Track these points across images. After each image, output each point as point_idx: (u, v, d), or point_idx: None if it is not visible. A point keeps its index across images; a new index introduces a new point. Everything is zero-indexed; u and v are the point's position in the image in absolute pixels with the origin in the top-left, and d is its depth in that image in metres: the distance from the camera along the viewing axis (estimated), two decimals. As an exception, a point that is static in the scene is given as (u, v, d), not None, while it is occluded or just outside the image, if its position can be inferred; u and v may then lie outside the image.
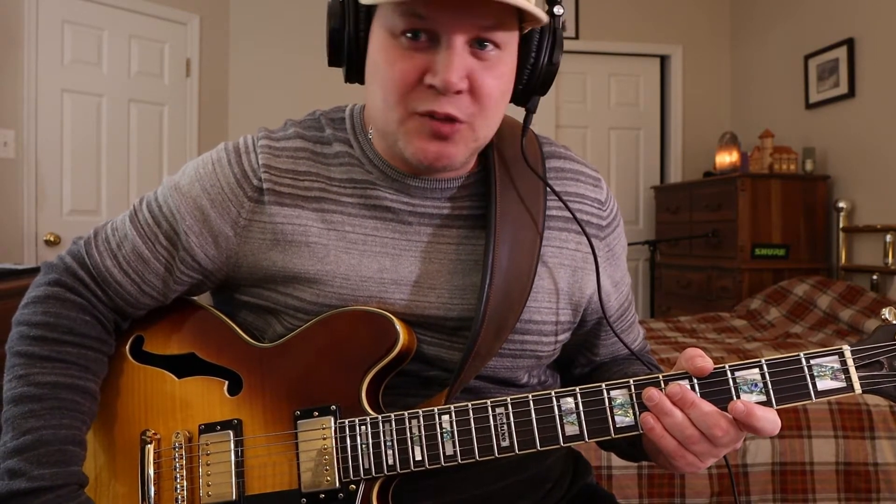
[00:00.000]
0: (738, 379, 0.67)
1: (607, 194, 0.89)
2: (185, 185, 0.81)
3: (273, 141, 0.82)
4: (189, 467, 0.77)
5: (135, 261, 0.80)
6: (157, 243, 0.80)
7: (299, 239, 0.78)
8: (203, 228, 0.79)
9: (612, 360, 0.95)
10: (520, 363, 0.82)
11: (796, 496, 1.81)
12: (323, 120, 0.85)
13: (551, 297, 0.82)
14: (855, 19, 3.42)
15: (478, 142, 0.75)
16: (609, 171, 4.49)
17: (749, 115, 4.29)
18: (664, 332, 3.06)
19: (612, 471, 1.77)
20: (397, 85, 0.71)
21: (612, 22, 4.37)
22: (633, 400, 0.69)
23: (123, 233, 0.82)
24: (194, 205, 0.80)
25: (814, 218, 3.54)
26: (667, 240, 3.88)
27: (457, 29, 0.68)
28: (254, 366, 0.79)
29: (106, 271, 0.80)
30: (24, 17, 3.05)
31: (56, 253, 3.17)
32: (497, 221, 0.78)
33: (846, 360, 0.66)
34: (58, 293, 0.80)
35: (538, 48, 0.76)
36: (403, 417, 0.72)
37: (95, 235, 0.83)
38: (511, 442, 0.70)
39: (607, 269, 0.87)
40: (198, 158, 0.85)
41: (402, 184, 0.80)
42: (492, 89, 0.71)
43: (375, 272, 0.78)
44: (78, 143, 3.28)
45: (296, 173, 0.80)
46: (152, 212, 0.82)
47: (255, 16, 4.05)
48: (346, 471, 0.73)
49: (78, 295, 0.80)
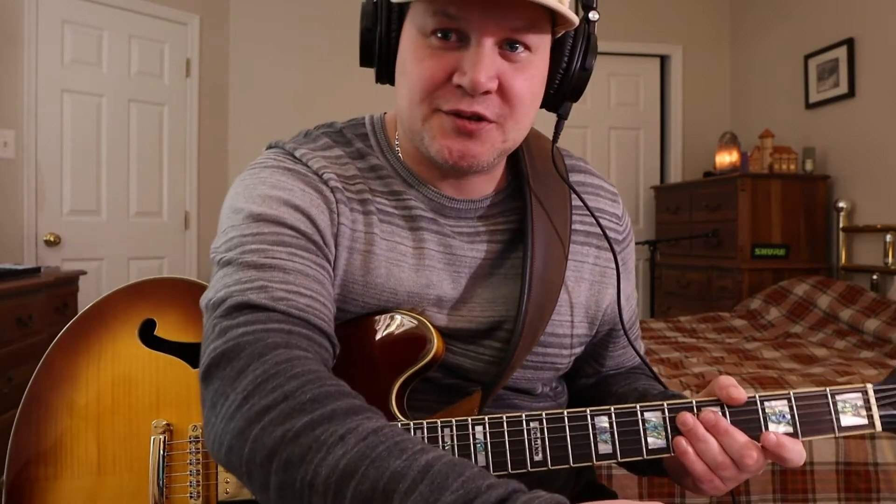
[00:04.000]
0: (767, 409, 0.69)
1: (623, 210, 0.90)
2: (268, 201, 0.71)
3: (310, 151, 0.77)
4: (206, 462, 0.76)
5: (295, 278, 0.67)
6: (294, 256, 0.68)
7: (354, 245, 0.75)
8: (311, 227, 0.71)
9: (618, 374, 0.95)
10: (540, 375, 0.83)
11: (796, 496, 1.81)
12: (347, 133, 0.82)
13: (570, 310, 0.83)
14: (855, 19, 3.42)
15: (506, 143, 0.74)
16: (609, 171, 4.49)
17: (749, 115, 4.29)
18: (664, 332, 3.06)
19: (612, 471, 1.77)
20: (424, 83, 0.70)
21: (612, 22, 4.37)
22: (666, 423, 0.70)
23: (254, 270, 0.67)
24: (292, 209, 0.71)
25: (814, 218, 3.54)
26: (667, 240, 3.88)
27: (487, 29, 0.67)
28: None
29: (289, 300, 0.66)
30: (24, 17, 3.05)
31: (56, 253, 3.19)
32: (534, 234, 0.78)
33: (869, 399, 0.70)
34: (282, 357, 0.60)
35: (571, 53, 0.75)
36: (436, 425, 0.71)
37: (232, 295, 0.65)
38: (544, 457, 0.70)
39: (622, 283, 0.87)
40: (240, 189, 0.74)
41: (437, 203, 0.79)
42: (522, 91, 0.71)
43: (423, 288, 0.77)
44: (78, 143, 3.28)
45: (346, 178, 0.77)
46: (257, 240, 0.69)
47: (255, 16, 4.05)
48: None
49: (297, 348, 0.63)
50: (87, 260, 3.28)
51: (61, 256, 3.22)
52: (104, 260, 3.40)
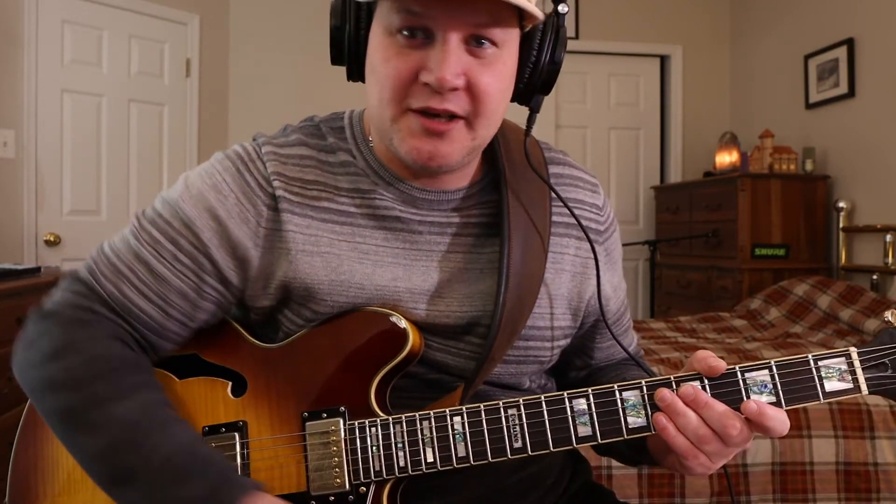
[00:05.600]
0: (749, 380, 0.68)
1: (604, 200, 0.90)
2: (195, 196, 0.77)
3: (277, 147, 0.80)
4: None
5: (154, 282, 0.75)
6: (176, 261, 0.75)
7: (311, 248, 0.76)
8: (222, 240, 0.76)
9: (608, 366, 0.95)
10: (523, 369, 0.83)
11: (796, 496, 1.81)
12: (324, 127, 0.83)
13: (552, 302, 0.83)
14: (855, 19, 3.42)
15: (476, 141, 0.74)
16: (609, 171, 4.49)
17: (749, 115, 4.29)
18: (664, 332, 3.06)
19: (611, 471, 1.77)
20: (392, 82, 0.70)
21: (612, 22, 4.37)
22: (645, 401, 0.69)
23: (133, 255, 0.76)
24: (210, 216, 0.76)
25: (814, 218, 3.54)
26: (667, 240, 3.88)
27: (451, 26, 0.68)
28: (259, 367, 0.78)
29: (125, 299, 0.75)
30: (24, 17, 3.05)
31: (56, 253, 3.19)
32: (511, 228, 0.78)
33: (853, 362, 0.68)
34: (80, 335, 0.73)
35: (540, 47, 0.75)
36: (415, 419, 0.72)
37: (97, 265, 0.77)
38: (524, 443, 0.70)
39: (606, 274, 0.87)
40: (198, 169, 0.80)
41: (408, 195, 0.79)
42: (490, 87, 0.71)
43: (389, 281, 0.77)
44: (78, 143, 3.28)
45: (304, 182, 0.78)
46: (162, 229, 0.76)
47: (255, 16, 4.05)
48: (356, 473, 0.73)
49: (102, 327, 0.74)
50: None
51: (61, 256, 3.22)
52: (104, 260, 3.40)
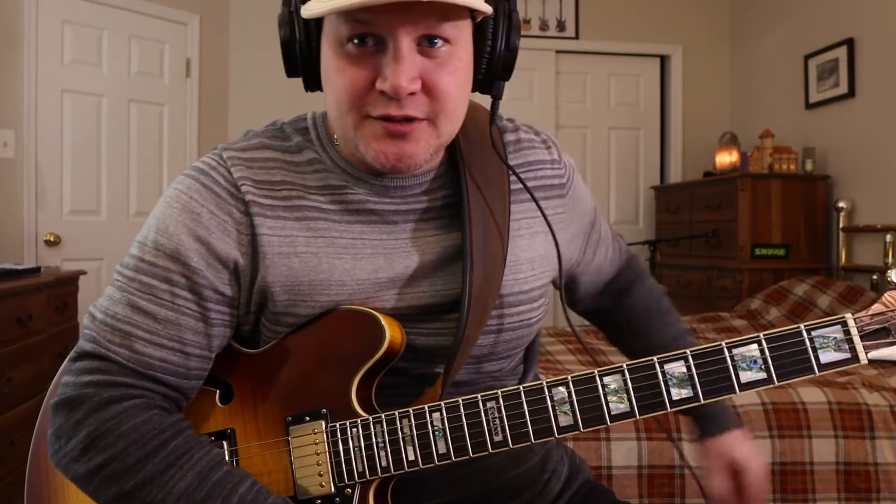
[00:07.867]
0: (737, 356, 0.65)
1: (559, 153, 0.90)
2: (169, 227, 0.75)
3: (240, 152, 0.78)
4: None
5: (162, 329, 0.72)
6: (176, 298, 0.73)
7: (287, 250, 0.75)
8: (210, 258, 0.74)
9: (643, 311, 1.04)
10: (520, 333, 0.84)
11: (796, 496, 1.81)
12: (287, 129, 0.82)
13: (532, 265, 0.84)
14: (855, 19, 3.42)
15: (441, 138, 0.74)
16: (609, 171, 4.49)
17: (749, 115, 4.29)
18: (664, 332, 3.06)
19: (611, 471, 1.77)
20: (348, 93, 0.70)
21: (612, 22, 4.37)
22: (627, 385, 0.67)
23: (131, 309, 0.73)
24: (191, 239, 0.74)
25: (814, 218, 3.54)
26: (667, 240, 3.88)
27: (401, 30, 0.67)
28: (244, 373, 0.78)
29: (141, 356, 0.71)
30: (24, 17, 3.05)
31: (56, 253, 3.19)
32: (471, 208, 0.78)
33: (850, 330, 0.63)
34: (112, 416, 0.69)
35: (494, 35, 0.74)
36: (394, 417, 0.72)
37: (98, 334, 0.73)
38: (504, 436, 0.69)
39: (574, 221, 0.90)
40: (161, 203, 0.78)
41: (378, 186, 0.79)
42: (447, 86, 0.70)
43: (371, 273, 0.77)
44: (78, 143, 3.28)
45: (271, 184, 0.77)
46: (150, 273, 0.73)
47: (255, 16, 4.05)
48: (340, 475, 0.73)
49: (131, 401, 0.70)
50: (87, 260, 3.28)
51: (61, 256, 3.22)
52: (104, 260, 3.39)
